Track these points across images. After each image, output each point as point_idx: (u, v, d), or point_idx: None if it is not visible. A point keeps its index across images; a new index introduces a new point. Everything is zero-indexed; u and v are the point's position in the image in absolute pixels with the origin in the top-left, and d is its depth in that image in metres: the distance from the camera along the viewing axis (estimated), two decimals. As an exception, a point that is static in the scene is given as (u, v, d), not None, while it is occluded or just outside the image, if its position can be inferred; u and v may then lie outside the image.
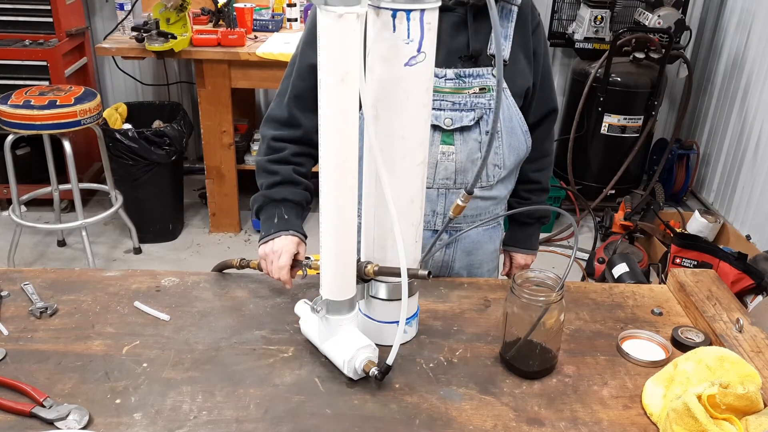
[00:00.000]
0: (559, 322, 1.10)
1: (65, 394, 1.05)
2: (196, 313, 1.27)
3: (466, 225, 1.56)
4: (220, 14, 3.66)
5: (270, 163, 1.43)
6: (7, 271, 1.40)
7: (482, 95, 1.41)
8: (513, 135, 1.48)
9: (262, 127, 1.47)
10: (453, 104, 1.40)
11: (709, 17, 4.25)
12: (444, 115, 1.40)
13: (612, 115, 3.82)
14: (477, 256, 1.60)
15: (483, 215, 1.57)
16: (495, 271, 1.67)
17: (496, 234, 1.64)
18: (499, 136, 1.46)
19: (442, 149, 1.43)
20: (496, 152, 1.48)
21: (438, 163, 1.43)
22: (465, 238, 1.57)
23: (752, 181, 3.66)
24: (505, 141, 1.47)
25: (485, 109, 1.42)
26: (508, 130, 1.47)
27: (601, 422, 1.03)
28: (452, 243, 1.57)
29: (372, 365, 1.07)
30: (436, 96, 1.38)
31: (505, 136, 1.47)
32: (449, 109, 1.40)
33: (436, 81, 1.37)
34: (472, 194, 1.13)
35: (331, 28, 0.92)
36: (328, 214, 1.04)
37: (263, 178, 1.43)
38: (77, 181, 3.16)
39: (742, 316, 1.23)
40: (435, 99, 1.39)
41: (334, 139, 0.99)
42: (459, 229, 1.56)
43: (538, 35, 1.48)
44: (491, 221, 1.58)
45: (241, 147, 3.77)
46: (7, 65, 3.60)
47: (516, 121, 1.47)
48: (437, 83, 1.38)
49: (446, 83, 1.39)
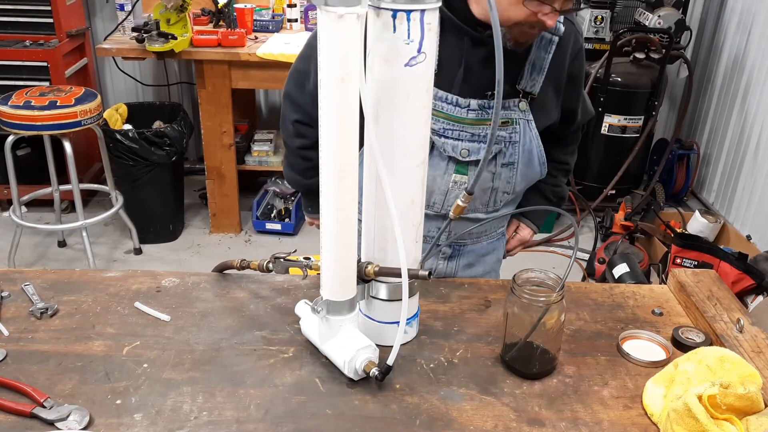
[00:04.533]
0: (560, 322, 1.10)
1: (66, 394, 1.05)
2: (196, 313, 1.27)
3: (470, 240, 1.56)
4: (220, 15, 3.66)
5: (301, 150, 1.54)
6: (8, 271, 1.40)
7: (504, 128, 1.39)
8: (529, 166, 1.46)
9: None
10: (472, 135, 1.37)
11: (709, 17, 4.25)
12: (461, 145, 1.37)
13: (612, 115, 3.82)
14: (479, 268, 1.60)
15: (489, 231, 1.57)
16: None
17: (500, 245, 1.64)
18: (514, 166, 1.44)
19: (455, 178, 1.41)
20: (508, 181, 1.45)
21: (449, 191, 1.42)
22: (468, 251, 1.57)
23: (753, 181, 3.66)
24: (519, 170, 1.45)
25: (505, 142, 1.40)
26: (526, 161, 1.44)
27: (601, 422, 1.03)
28: (455, 256, 1.57)
29: (372, 366, 1.07)
30: (455, 126, 1.36)
31: (521, 166, 1.45)
32: (467, 140, 1.37)
33: (458, 111, 1.35)
34: (473, 194, 1.13)
35: (331, 29, 0.92)
36: (329, 214, 1.04)
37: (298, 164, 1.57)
38: (78, 181, 3.17)
39: (743, 316, 1.23)
40: (454, 129, 1.36)
41: (334, 140, 0.99)
42: (462, 244, 1.56)
43: (580, 60, 1.46)
44: (492, 229, 1.58)
45: (241, 147, 3.77)
46: (8, 66, 3.60)
47: (535, 152, 1.45)
48: (459, 113, 1.35)
49: (468, 114, 1.36)
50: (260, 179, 4.14)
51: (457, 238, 1.54)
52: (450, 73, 1.33)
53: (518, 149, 1.42)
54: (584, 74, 1.54)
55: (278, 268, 1.28)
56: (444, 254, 1.56)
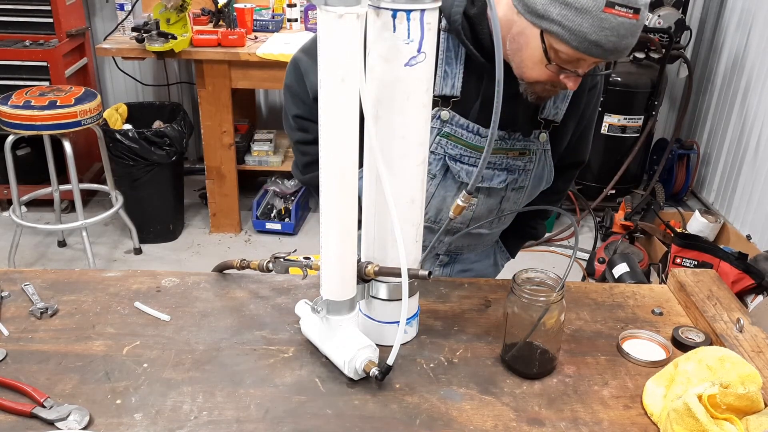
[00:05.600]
0: (560, 322, 1.10)
1: (66, 394, 1.05)
2: (196, 313, 1.27)
3: (467, 249, 1.57)
4: (220, 15, 3.66)
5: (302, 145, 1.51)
6: (8, 271, 1.40)
7: (520, 158, 1.38)
8: (537, 188, 1.47)
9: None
10: (488, 163, 1.36)
11: (709, 17, 4.25)
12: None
13: (612, 115, 3.82)
14: (472, 272, 1.63)
15: (485, 243, 1.58)
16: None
17: (492, 251, 1.65)
18: (523, 190, 1.44)
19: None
20: (515, 202, 1.46)
21: None
22: (465, 258, 1.59)
23: (752, 180, 3.66)
24: (527, 193, 1.46)
25: (519, 170, 1.39)
26: (535, 184, 1.45)
27: (601, 422, 1.03)
28: (450, 263, 1.58)
29: (372, 365, 1.07)
30: (473, 153, 1.35)
31: (529, 189, 1.45)
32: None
33: (478, 139, 1.34)
34: (472, 194, 1.13)
35: (331, 29, 0.92)
36: (329, 214, 1.04)
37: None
38: (77, 181, 3.17)
39: (743, 315, 1.23)
40: (471, 156, 1.35)
41: (334, 139, 0.99)
42: (459, 252, 1.57)
43: (595, 93, 1.44)
44: (489, 239, 1.59)
45: (241, 147, 3.77)
46: (8, 66, 3.60)
47: (545, 179, 1.45)
48: (479, 141, 1.34)
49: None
50: (260, 179, 4.14)
51: (455, 248, 1.56)
52: (470, 101, 1.33)
53: (530, 176, 1.43)
54: (597, 109, 1.51)
55: (278, 268, 1.28)
56: (441, 262, 1.58)
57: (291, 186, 3.93)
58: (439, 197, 1.41)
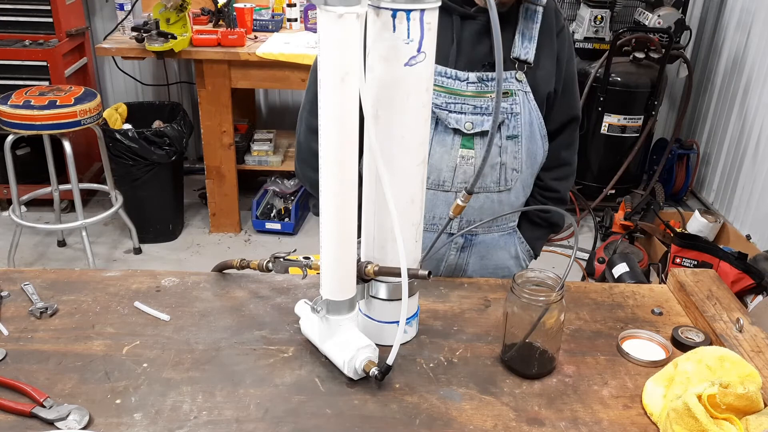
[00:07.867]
0: (560, 322, 1.10)
1: (65, 394, 1.05)
2: (196, 313, 1.27)
3: (482, 230, 1.56)
4: (220, 14, 3.66)
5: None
6: (7, 271, 1.40)
7: (504, 100, 1.41)
8: (532, 140, 1.48)
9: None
10: (474, 108, 1.40)
11: (709, 17, 4.25)
12: (465, 118, 1.40)
13: (612, 114, 3.82)
14: (491, 261, 1.59)
15: (499, 221, 1.57)
16: None
17: (511, 241, 1.62)
18: (518, 140, 1.45)
19: (461, 153, 1.42)
20: (515, 156, 1.47)
21: (457, 167, 1.43)
22: (480, 242, 1.57)
23: (752, 180, 3.66)
24: (524, 145, 1.47)
25: (507, 113, 1.42)
26: (528, 134, 1.46)
27: (601, 422, 1.03)
28: (467, 247, 1.57)
29: (372, 365, 1.07)
30: (457, 99, 1.39)
31: (525, 141, 1.46)
32: (470, 113, 1.40)
33: (458, 84, 1.38)
34: (472, 194, 1.13)
35: (330, 28, 0.92)
36: (329, 214, 1.04)
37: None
38: (77, 181, 3.17)
39: (743, 315, 1.23)
40: (456, 102, 1.39)
41: (333, 139, 0.99)
42: (474, 233, 1.55)
43: (562, 39, 1.47)
44: (504, 221, 1.57)
45: (241, 147, 3.77)
46: (7, 65, 3.60)
47: (536, 125, 1.47)
48: (459, 86, 1.38)
49: (468, 87, 1.39)
50: (260, 179, 4.14)
51: (468, 225, 1.53)
52: (444, 50, 1.36)
53: (520, 121, 1.44)
54: (573, 60, 1.53)
55: (278, 268, 1.28)
56: (456, 244, 1.56)
57: (291, 186, 3.93)
58: (436, 155, 1.42)
